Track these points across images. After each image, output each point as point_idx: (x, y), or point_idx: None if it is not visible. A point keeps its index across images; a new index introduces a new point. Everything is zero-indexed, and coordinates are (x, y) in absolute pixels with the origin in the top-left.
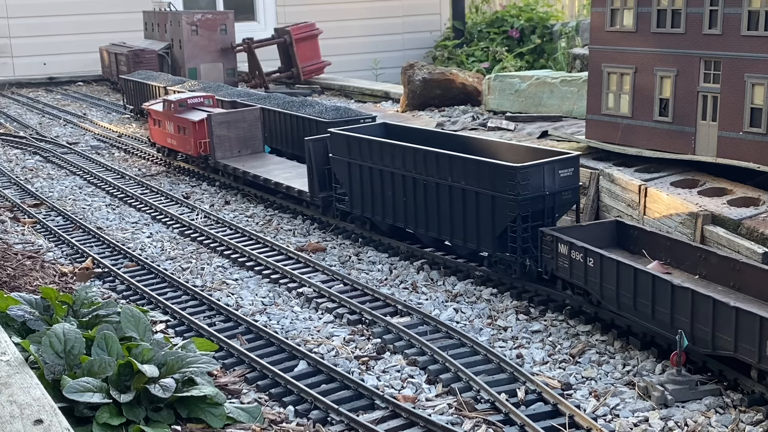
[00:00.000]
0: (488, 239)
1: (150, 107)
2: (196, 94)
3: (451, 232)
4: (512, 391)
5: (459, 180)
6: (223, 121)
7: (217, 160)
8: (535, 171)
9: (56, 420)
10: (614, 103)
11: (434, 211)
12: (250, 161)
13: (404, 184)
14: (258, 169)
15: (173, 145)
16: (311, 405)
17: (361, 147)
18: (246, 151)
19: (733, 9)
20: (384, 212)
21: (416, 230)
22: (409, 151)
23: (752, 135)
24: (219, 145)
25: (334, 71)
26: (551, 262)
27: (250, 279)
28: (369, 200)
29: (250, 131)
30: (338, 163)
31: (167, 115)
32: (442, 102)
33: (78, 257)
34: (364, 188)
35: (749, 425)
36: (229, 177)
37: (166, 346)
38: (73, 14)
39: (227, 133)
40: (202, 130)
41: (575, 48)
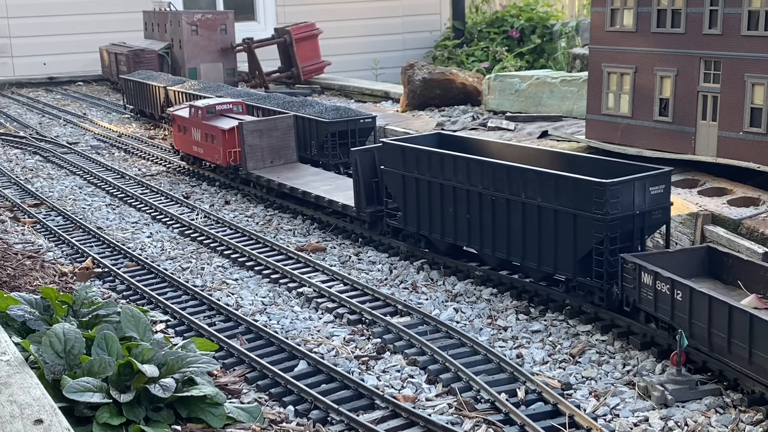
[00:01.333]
0: (568, 262)
1: (175, 113)
2: (225, 100)
3: (522, 254)
4: (512, 390)
5: (534, 196)
6: (255, 129)
7: (248, 170)
8: (625, 188)
9: (56, 420)
10: (614, 103)
11: (503, 230)
12: (285, 172)
13: (468, 199)
14: (295, 181)
15: (199, 153)
16: (311, 405)
17: (418, 159)
18: (279, 162)
19: (733, 9)
20: (443, 230)
21: (481, 250)
22: (475, 163)
23: (752, 135)
24: (251, 154)
25: (334, 71)
26: (633, 292)
27: (250, 279)
28: (426, 216)
29: (283, 140)
30: (391, 175)
31: (194, 122)
32: (442, 102)
33: (78, 257)
34: (421, 203)
35: (749, 425)
36: (262, 189)
37: (166, 346)
38: (73, 14)
39: (259, 142)
40: (232, 139)
41: (575, 48)
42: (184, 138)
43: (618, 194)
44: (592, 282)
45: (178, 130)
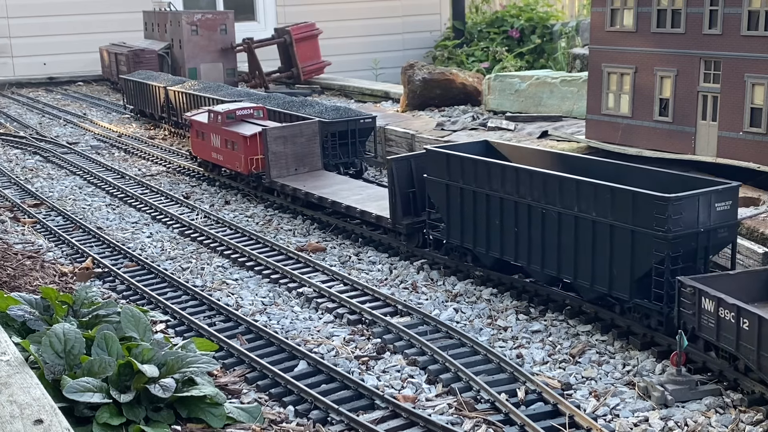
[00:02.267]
0: (624, 282)
1: (193, 118)
2: (245, 105)
3: (574, 271)
4: (512, 391)
5: (588, 210)
6: (279, 135)
7: (272, 179)
8: (689, 203)
9: (56, 420)
10: (614, 103)
11: (553, 246)
12: (310, 180)
13: (516, 211)
14: (322, 190)
15: (219, 160)
16: (311, 405)
17: (463, 167)
18: (303, 169)
19: (733, 9)
20: (489, 243)
21: (528, 266)
22: (524, 173)
23: (752, 135)
24: (275, 162)
25: (334, 71)
26: (692, 318)
27: (250, 279)
28: (470, 229)
29: (308, 147)
30: (434, 185)
31: (213, 128)
32: (442, 102)
33: (78, 257)
34: (465, 215)
35: (749, 425)
36: (286, 198)
37: (166, 346)
38: (73, 14)
39: (283, 149)
40: (254, 146)
41: (575, 48)
42: (202, 144)
43: (681, 210)
44: (650, 305)
45: (195, 136)
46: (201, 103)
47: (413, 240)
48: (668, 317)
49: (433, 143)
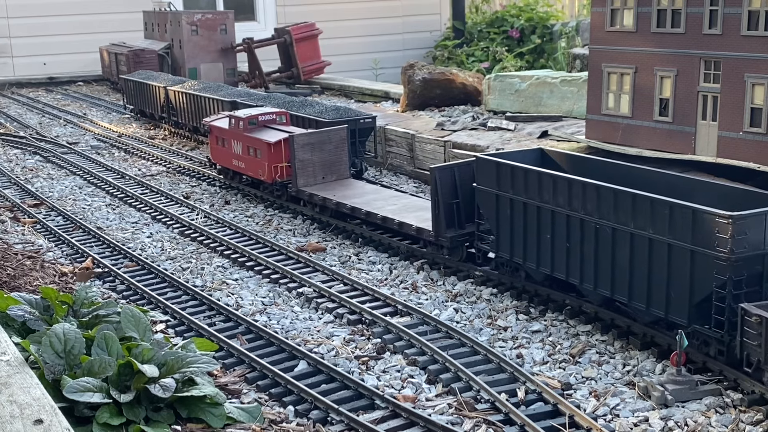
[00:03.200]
0: (682, 306)
1: (212, 123)
2: (268, 110)
3: (628, 292)
4: (512, 391)
5: (645, 227)
6: (306, 142)
7: (299, 188)
8: (756, 222)
9: (56, 420)
10: (614, 103)
11: (607, 264)
12: (340, 189)
13: (568, 226)
14: (354, 200)
15: (240, 168)
16: (311, 405)
17: (513, 177)
18: (331, 177)
19: (733, 9)
20: (539, 258)
21: (581, 285)
22: (577, 185)
23: (752, 135)
24: (302, 170)
25: (334, 71)
26: (757, 350)
27: (250, 279)
28: (520, 243)
29: (336, 154)
30: (484, 195)
31: (234, 134)
32: (442, 102)
33: (78, 257)
34: (515, 228)
35: (749, 425)
36: (314, 208)
37: (166, 346)
38: (73, 14)
39: (311, 156)
40: (278, 153)
41: (575, 48)
42: (223, 151)
43: (746, 229)
44: (709, 332)
45: (215, 142)
46: (201, 103)
47: (457, 254)
48: (729, 346)
49: (431, 142)
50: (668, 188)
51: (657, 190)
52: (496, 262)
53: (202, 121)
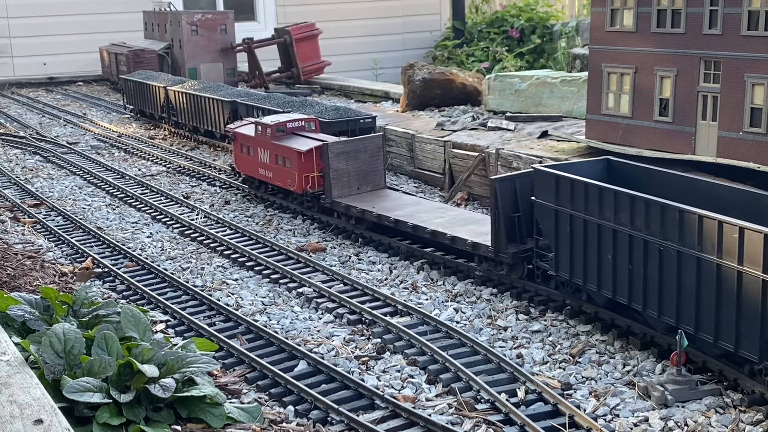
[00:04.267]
0: (753, 341)
1: (237, 130)
2: (296, 117)
3: (695, 322)
4: (512, 391)
5: (712, 251)
6: (341, 151)
7: (334, 198)
8: None
9: (56, 420)
10: (614, 103)
11: (672, 290)
12: (378, 201)
13: (631, 246)
14: (396, 213)
15: (267, 177)
16: (311, 405)
17: (573, 191)
18: (365, 188)
19: (733, 9)
20: (600, 281)
21: (644, 311)
22: (640, 202)
23: (752, 135)
24: (336, 180)
25: (334, 71)
26: None
27: (250, 279)
28: (581, 262)
29: (372, 163)
30: (543, 209)
31: (261, 142)
32: (442, 102)
33: (78, 257)
34: (575, 246)
35: (749, 425)
36: (349, 220)
37: (166, 346)
38: (73, 14)
39: (345, 165)
40: (309, 162)
41: (575, 48)
42: (248, 159)
43: None
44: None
45: (240, 150)
46: (201, 103)
47: (517, 271)
48: None
49: (431, 142)
50: (745, 207)
51: (733, 208)
52: (556, 282)
53: (225, 128)
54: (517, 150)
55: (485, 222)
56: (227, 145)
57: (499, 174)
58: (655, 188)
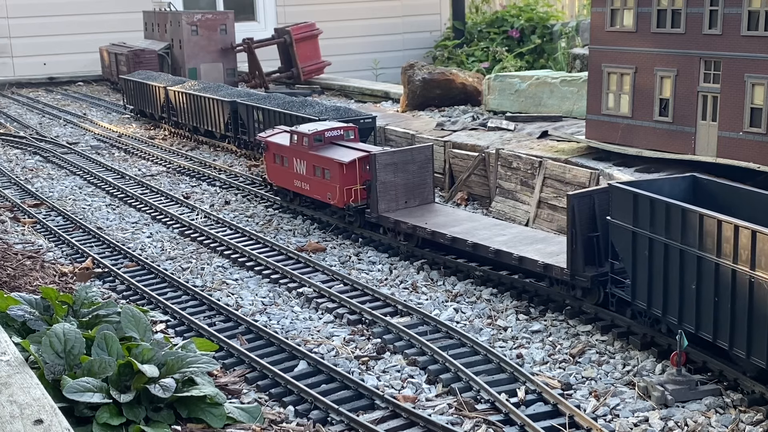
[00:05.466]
0: None
1: (269, 139)
2: (334, 125)
3: None
4: (512, 391)
5: None
6: (389, 162)
7: (381, 213)
8: None
9: (56, 420)
10: (614, 103)
11: (764, 328)
12: (429, 216)
13: (717, 276)
14: (451, 229)
15: (304, 190)
16: (311, 405)
17: (653, 211)
18: (414, 202)
19: (733, 9)
20: (682, 313)
21: (731, 350)
22: (728, 227)
23: (752, 135)
24: (383, 193)
25: (334, 71)
26: None
27: (250, 279)
28: (660, 292)
29: (420, 176)
30: (619, 231)
31: (296, 152)
32: (442, 102)
33: (78, 257)
34: (654, 273)
35: (749, 425)
36: (397, 236)
37: (166, 346)
38: (73, 14)
39: (393, 178)
40: (352, 174)
41: (575, 48)
42: (282, 170)
43: None
44: None
45: (273, 160)
46: (201, 103)
47: (593, 296)
48: None
49: (431, 142)
50: None
51: None
52: (632, 310)
53: (256, 136)
54: (517, 150)
55: (552, 241)
56: (227, 145)
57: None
58: (747, 210)
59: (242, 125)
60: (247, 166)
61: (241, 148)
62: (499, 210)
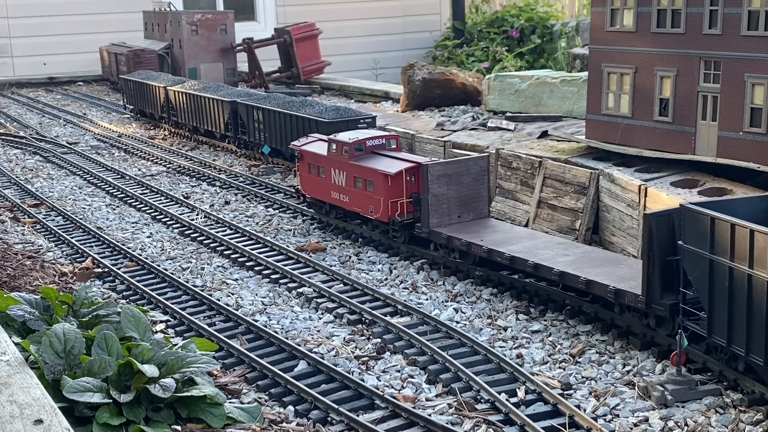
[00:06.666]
0: None
1: (304, 148)
2: (376, 134)
3: None
4: (512, 391)
5: None
6: (442, 173)
7: (432, 228)
8: None
9: (56, 420)
10: (614, 103)
11: None
12: (485, 232)
13: None
14: (509, 247)
15: (343, 202)
16: (311, 405)
17: (734, 238)
18: (468, 216)
19: (733, 9)
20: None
21: None
22: None
23: (752, 135)
24: (436, 207)
25: (334, 71)
26: None
27: (250, 279)
28: (742, 328)
29: (475, 188)
30: (692, 258)
31: (335, 162)
32: (442, 102)
33: (78, 257)
34: (735, 307)
35: (749, 425)
36: (451, 253)
37: (166, 346)
38: (73, 14)
39: (446, 190)
40: (398, 186)
41: (575, 48)
42: (318, 181)
43: None
44: None
45: (308, 171)
46: (201, 103)
47: (667, 325)
48: None
49: (431, 142)
50: None
51: None
52: (708, 345)
53: (290, 145)
54: (517, 150)
55: (621, 263)
56: (227, 145)
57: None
58: None
59: (242, 125)
60: (247, 166)
61: (241, 148)
62: (499, 210)
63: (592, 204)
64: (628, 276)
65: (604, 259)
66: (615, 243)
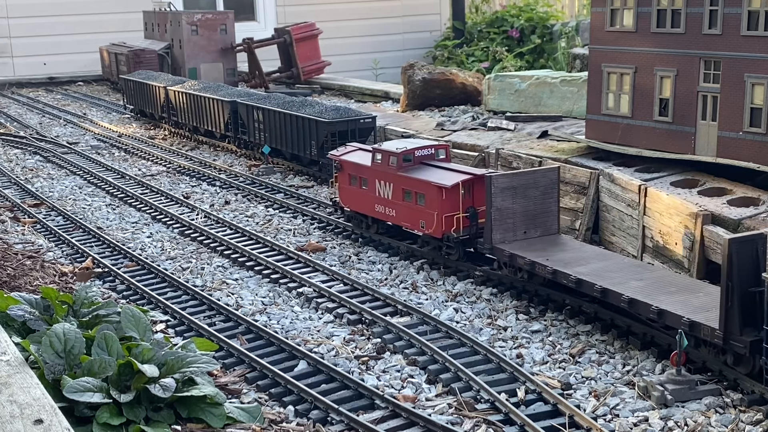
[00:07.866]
0: None
1: (344, 158)
2: (425, 143)
3: None
4: (512, 390)
5: None
6: (507, 186)
7: (495, 244)
8: None
9: (56, 420)
10: (614, 103)
11: None
12: (552, 251)
13: None
14: (576, 268)
15: (389, 216)
16: (311, 405)
17: None
18: (534, 232)
19: (733, 9)
20: None
21: None
22: None
23: (752, 135)
24: (499, 221)
25: (334, 71)
26: None
27: (250, 279)
28: None
29: (543, 202)
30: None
31: (381, 173)
32: (442, 102)
33: (78, 257)
34: None
35: (749, 425)
36: (516, 272)
37: (166, 346)
38: (73, 14)
39: (512, 204)
40: (453, 199)
41: (575, 48)
42: (360, 193)
43: None
44: None
45: (348, 182)
46: (201, 103)
47: (746, 365)
48: None
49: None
50: None
51: None
52: None
53: (328, 154)
54: (517, 150)
55: (699, 290)
56: (227, 145)
57: None
58: None
59: (242, 125)
60: (247, 166)
61: (241, 148)
62: None
63: (592, 204)
64: (705, 306)
65: (679, 284)
66: (615, 243)
